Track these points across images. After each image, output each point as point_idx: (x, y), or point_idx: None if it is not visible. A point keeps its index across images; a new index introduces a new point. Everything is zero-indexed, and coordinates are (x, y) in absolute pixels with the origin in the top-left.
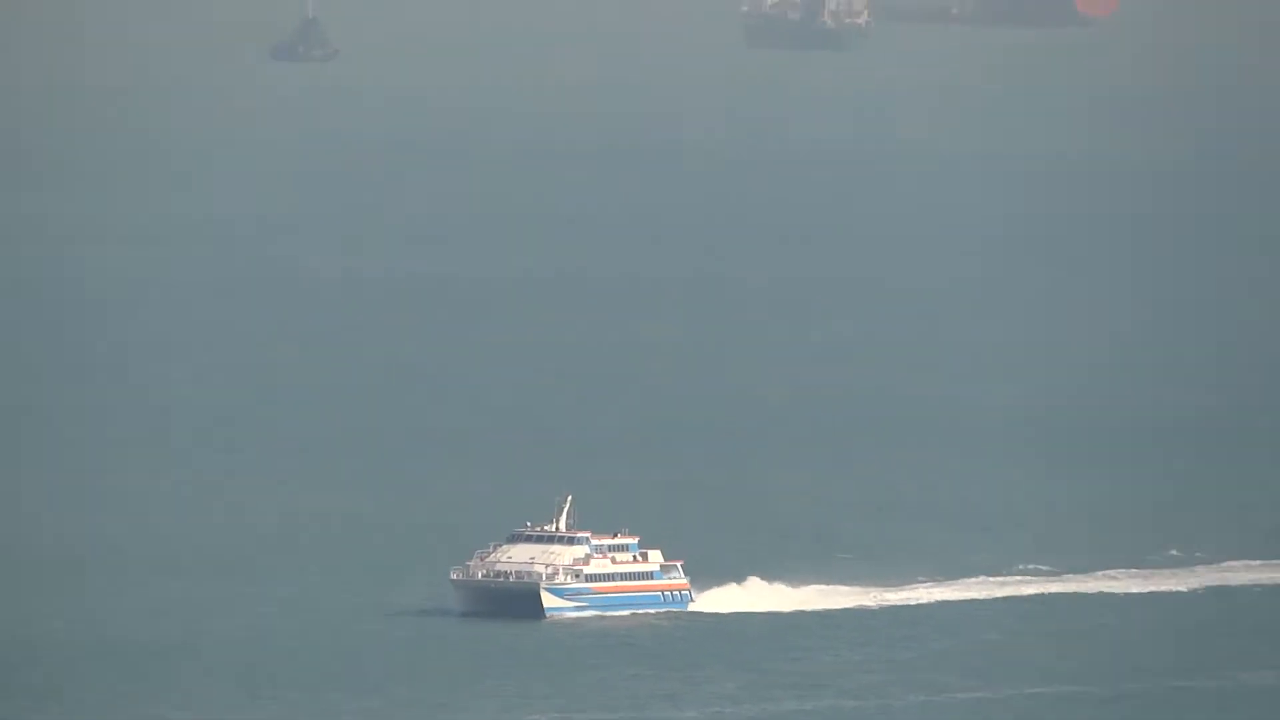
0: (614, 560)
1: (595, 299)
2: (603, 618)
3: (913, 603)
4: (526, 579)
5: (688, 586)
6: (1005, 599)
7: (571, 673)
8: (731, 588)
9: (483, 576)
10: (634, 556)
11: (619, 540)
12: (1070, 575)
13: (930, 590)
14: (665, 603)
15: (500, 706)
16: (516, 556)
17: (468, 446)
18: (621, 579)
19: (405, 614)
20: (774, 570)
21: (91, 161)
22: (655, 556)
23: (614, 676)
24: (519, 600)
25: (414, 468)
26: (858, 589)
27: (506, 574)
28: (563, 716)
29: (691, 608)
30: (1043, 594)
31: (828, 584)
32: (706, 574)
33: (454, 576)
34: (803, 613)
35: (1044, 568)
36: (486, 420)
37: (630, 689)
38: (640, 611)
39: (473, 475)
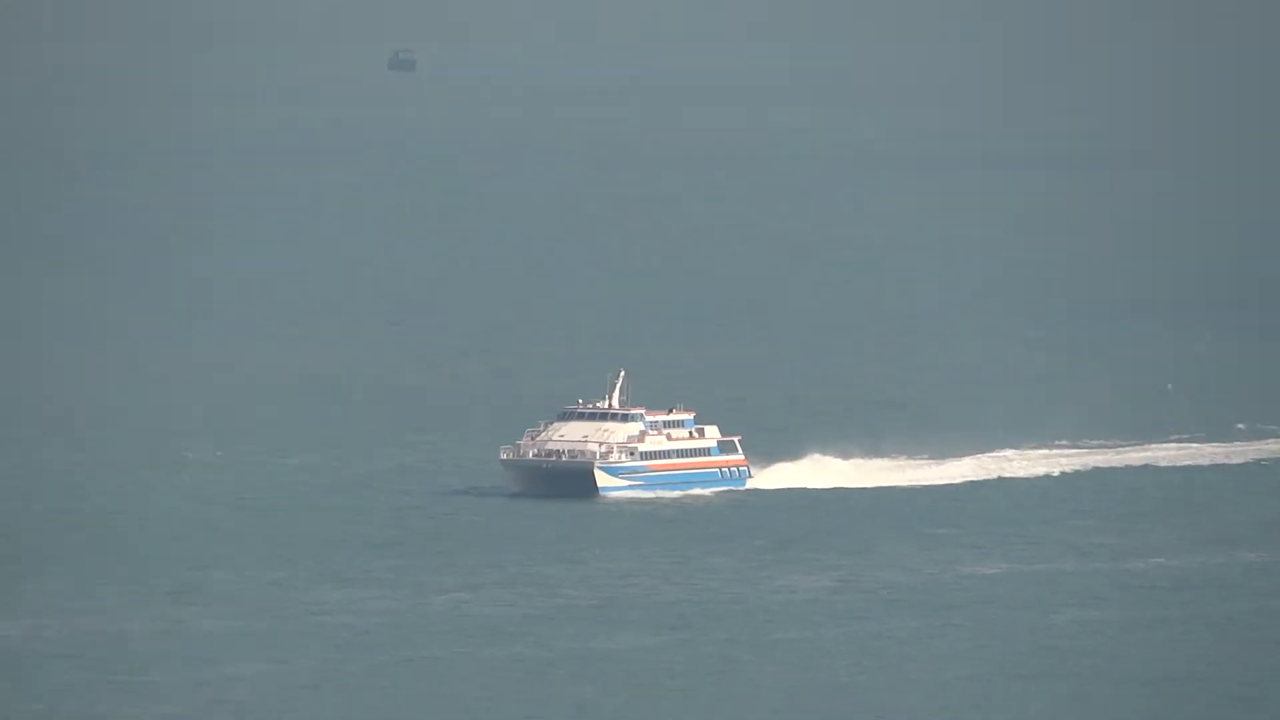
0: (669, 437)
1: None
2: (658, 497)
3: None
4: (580, 458)
5: (746, 463)
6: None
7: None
8: (791, 464)
9: (534, 456)
10: (690, 433)
11: (674, 416)
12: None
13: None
14: (723, 480)
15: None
16: (568, 435)
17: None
18: (677, 456)
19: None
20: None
21: None
22: (712, 432)
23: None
24: (572, 479)
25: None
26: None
27: (559, 453)
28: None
29: (750, 484)
30: None
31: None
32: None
33: (504, 456)
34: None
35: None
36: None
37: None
38: (696, 491)
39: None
